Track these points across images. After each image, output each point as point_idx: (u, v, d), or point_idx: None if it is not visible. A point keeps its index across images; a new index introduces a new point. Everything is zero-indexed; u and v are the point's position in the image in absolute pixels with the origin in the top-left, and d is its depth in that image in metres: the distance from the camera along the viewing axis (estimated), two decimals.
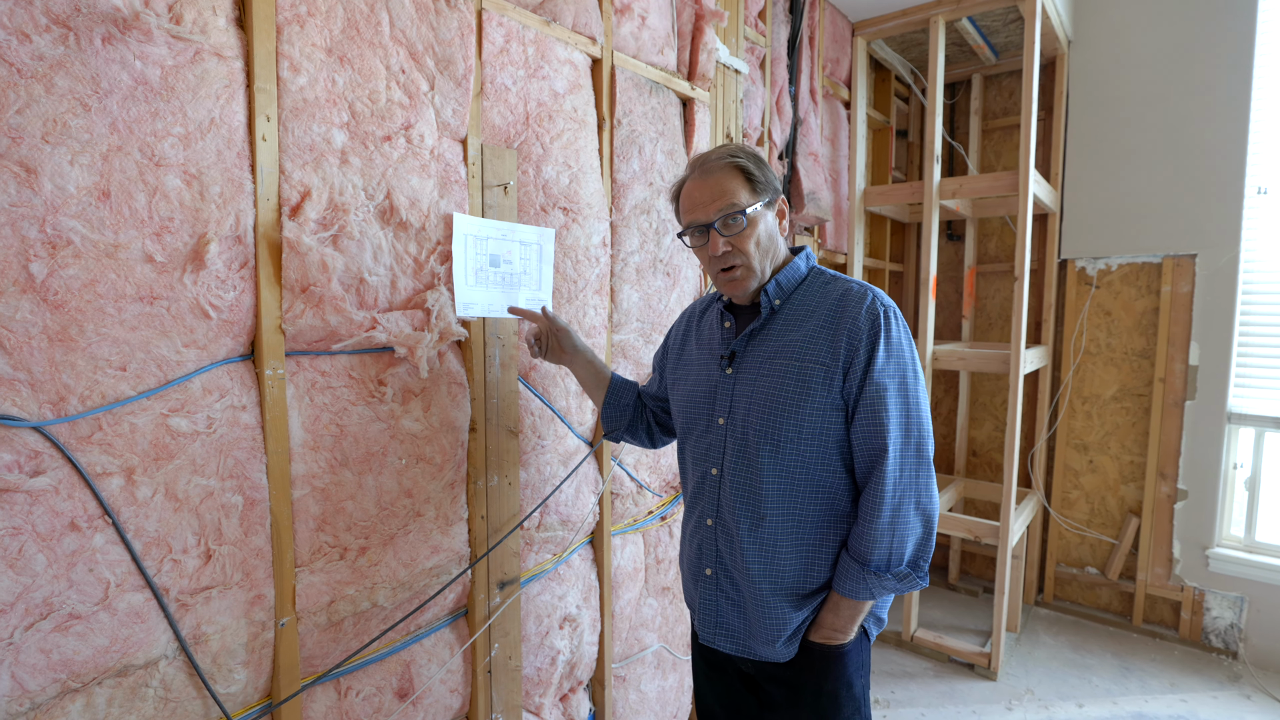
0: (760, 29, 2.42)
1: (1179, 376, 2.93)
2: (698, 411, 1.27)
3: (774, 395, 1.15)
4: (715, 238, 1.16)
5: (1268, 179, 2.73)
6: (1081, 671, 2.74)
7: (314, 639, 1.20)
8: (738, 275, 1.19)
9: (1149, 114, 2.94)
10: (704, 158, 1.21)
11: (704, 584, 1.27)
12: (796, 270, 1.23)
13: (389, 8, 1.23)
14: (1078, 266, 3.21)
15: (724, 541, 1.22)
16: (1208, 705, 2.50)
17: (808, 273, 1.24)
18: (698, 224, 1.19)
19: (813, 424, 1.13)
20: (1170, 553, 2.97)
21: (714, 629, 1.25)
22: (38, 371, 0.88)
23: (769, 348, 1.19)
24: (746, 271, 1.19)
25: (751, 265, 1.18)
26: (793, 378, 1.14)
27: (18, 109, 0.85)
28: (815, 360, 1.13)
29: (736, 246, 1.17)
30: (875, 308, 1.13)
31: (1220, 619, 2.86)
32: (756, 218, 1.17)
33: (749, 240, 1.17)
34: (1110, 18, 3.01)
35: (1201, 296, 2.86)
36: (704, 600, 1.27)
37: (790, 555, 1.17)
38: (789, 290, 1.22)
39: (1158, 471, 2.99)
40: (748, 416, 1.17)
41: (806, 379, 1.13)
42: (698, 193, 1.19)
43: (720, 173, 1.17)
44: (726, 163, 1.18)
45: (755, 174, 1.18)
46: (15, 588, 0.87)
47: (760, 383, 1.17)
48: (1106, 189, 3.07)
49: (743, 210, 1.15)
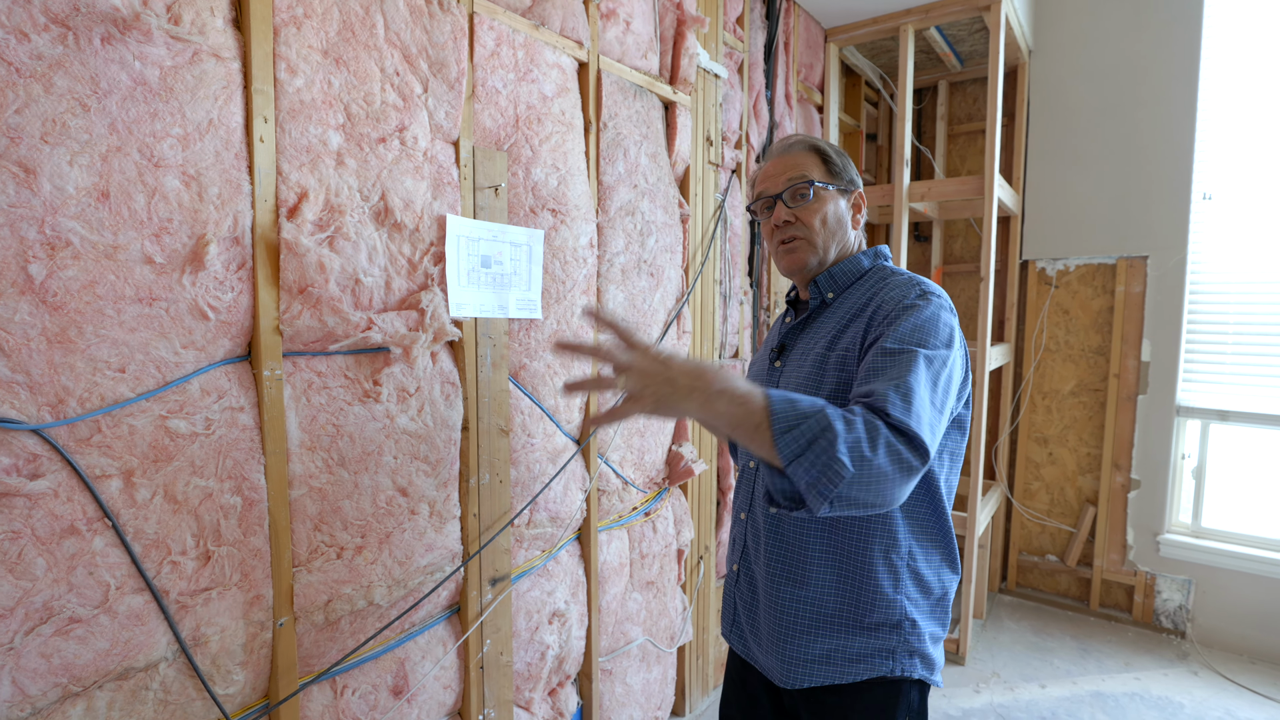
0: (738, 34, 2.46)
1: (1132, 372, 3.07)
2: None
3: (800, 384, 1.07)
4: (780, 207, 1.12)
5: (1213, 186, 2.88)
6: (1044, 654, 2.86)
7: (311, 638, 1.21)
8: (796, 247, 1.12)
9: (1104, 122, 3.08)
10: (785, 140, 1.18)
11: (729, 579, 1.22)
12: (857, 265, 1.14)
13: (384, 10, 1.24)
14: (1038, 267, 3.34)
15: (751, 536, 1.15)
16: (1159, 682, 2.64)
17: (870, 268, 1.14)
18: (766, 194, 1.15)
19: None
20: (1124, 539, 3.12)
21: (730, 626, 1.22)
22: (36, 374, 0.87)
23: (813, 339, 1.11)
24: (806, 245, 1.12)
25: (813, 240, 1.11)
26: (815, 364, 1.05)
27: (16, 109, 0.84)
28: (841, 346, 1.04)
29: (800, 218, 1.11)
30: (912, 289, 1.01)
31: (1170, 601, 3.01)
32: (826, 196, 1.12)
33: (815, 215, 1.11)
34: (1068, 30, 3.14)
35: (1153, 296, 3.01)
36: (726, 597, 1.23)
37: (821, 562, 1.04)
38: (843, 285, 1.13)
39: (1113, 463, 3.13)
40: None
41: (825, 365, 1.04)
42: (771, 168, 1.15)
43: (798, 151, 1.14)
44: (808, 144, 1.15)
45: (833, 159, 1.14)
46: (15, 592, 0.86)
47: (799, 375, 1.08)
48: (1065, 193, 3.20)
49: (811, 183, 1.10)
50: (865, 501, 0.81)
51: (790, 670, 1.05)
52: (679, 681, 2.34)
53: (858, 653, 1.03)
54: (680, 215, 2.13)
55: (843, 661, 1.03)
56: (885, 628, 1.02)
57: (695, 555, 2.36)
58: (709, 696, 2.48)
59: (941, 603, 1.08)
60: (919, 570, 1.04)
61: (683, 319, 2.17)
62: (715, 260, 2.36)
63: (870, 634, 1.03)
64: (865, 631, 1.03)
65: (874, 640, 1.02)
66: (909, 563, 1.03)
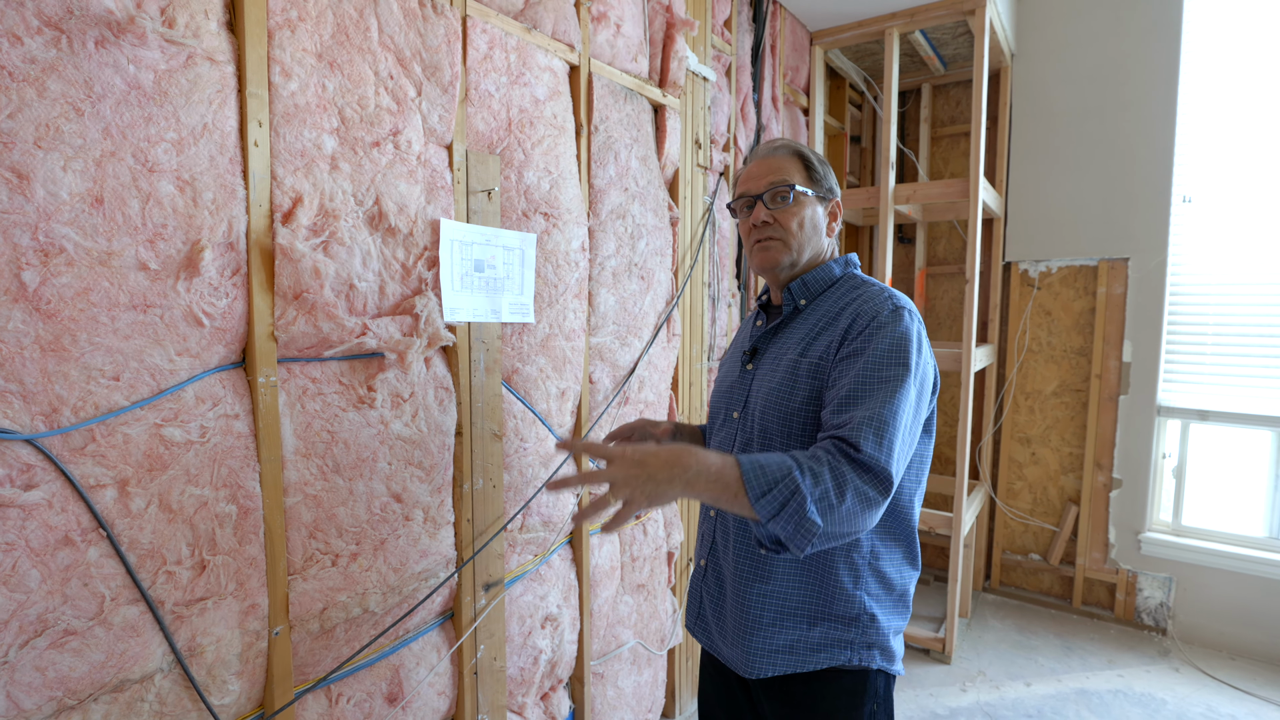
0: (726, 38, 2.48)
1: (1114, 373, 3.13)
2: (719, 405, 1.27)
3: (780, 391, 1.12)
4: (760, 208, 1.16)
5: (1192, 189, 2.94)
6: (1028, 652, 2.90)
7: (306, 646, 1.20)
8: (771, 246, 1.17)
9: (1085, 125, 3.13)
10: (771, 142, 1.22)
11: (695, 573, 1.28)
12: (829, 272, 1.19)
13: (378, 13, 1.23)
14: (1021, 269, 3.39)
15: (721, 534, 1.20)
16: (1142, 679, 2.69)
17: (841, 276, 1.19)
18: (748, 194, 1.19)
19: (800, 419, 1.08)
20: (1106, 538, 3.17)
21: (695, 619, 1.27)
22: (30, 383, 0.86)
23: (785, 345, 1.16)
24: (781, 245, 1.16)
25: (788, 241, 1.16)
26: (788, 371, 1.11)
27: (9, 113, 0.83)
28: (813, 354, 1.09)
29: (778, 220, 1.16)
30: (886, 303, 1.07)
31: (1151, 598, 3.07)
32: (805, 201, 1.16)
33: (792, 218, 1.15)
34: (1050, 34, 3.19)
35: (1134, 298, 3.06)
36: (692, 591, 1.28)
37: (786, 561, 1.10)
38: (816, 291, 1.18)
39: (1095, 462, 3.18)
40: (757, 412, 1.15)
41: (797, 372, 1.09)
42: (755, 169, 1.20)
43: (782, 155, 1.18)
44: (792, 149, 1.19)
45: (815, 165, 1.19)
46: (10, 605, 0.85)
47: (770, 379, 1.14)
48: (1047, 195, 3.26)
49: (792, 187, 1.14)
50: (841, 535, 0.91)
51: (752, 661, 1.11)
52: (669, 684, 2.35)
53: (817, 643, 1.10)
54: (670, 218, 2.14)
55: (804, 651, 1.09)
56: (844, 620, 1.09)
57: (685, 557, 2.37)
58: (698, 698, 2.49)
59: (903, 598, 1.15)
60: (880, 568, 1.11)
61: (672, 322, 2.18)
62: (704, 263, 2.37)
63: (829, 625, 1.10)
64: (825, 623, 1.10)
65: (833, 631, 1.09)
66: (870, 561, 1.10)
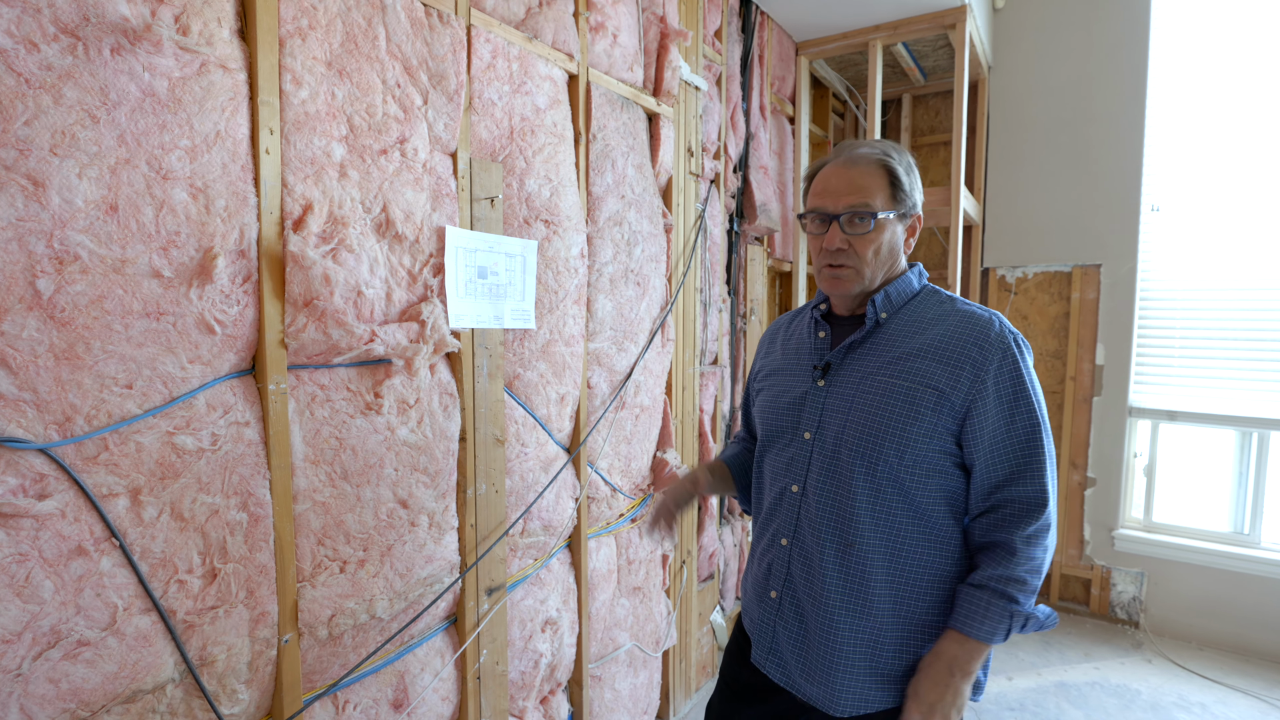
0: (717, 47, 2.51)
1: (1087, 375, 3.22)
2: (781, 423, 1.17)
3: (876, 414, 1.04)
4: (835, 231, 1.07)
5: (1160, 198, 3.05)
6: (1008, 648, 2.97)
7: (315, 653, 1.19)
8: (843, 275, 1.08)
9: (1059, 136, 3.23)
10: (854, 145, 1.10)
11: (767, 606, 1.16)
12: (908, 285, 1.12)
13: (386, 23, 1.24)
14: (998, 274, 3.48)
15: (799, 564, 1.11)
16: (1117, 671, 2.78)
17: (920, 289, 1.13)
18: (823, 212, 1.08)
19: (916, 449, 1.01)
20: (1082, 535, 3.26)
21: (767, 654, 1.15)
22: (44, 391, 0.85)
23: (872, 363, 1.08)
24: (854, 275, 1.08)
25: (862, 271, 1.08)
26: (900, 397, 1.03)
27: (25, 120, 0.82)
28: (927, 383, 1.02)
29: (854, 247, 1.06)
30: (1005, 337, 1.02)
31: (1124, 593, 3.17)
32: (885, 225, 1.07)
33: (869, 246, 1.06)
34: (1024, 48, 3.29)
35: (1106, 303, 3.16)
36: (762, 623, 1.17)
37: (884, 592, 1.04)
38: (898, 304, 1.10)
39: (1070, 462, 3.28)
40: (841, 434, 1.07)
41: (915, 401, 1.01)
42: (835, 179, 1.08)
43: (866, 166, 1.07)
44: (877, 158, 1.07)
45: (902, 181, 1.07)
46: (23, 616, 0.84)
47: (860, 399, 1.06)
48: (1023, 203, 3.35)
49: (874, 214, 1.04)
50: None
51: (838, 698, 1.05)
52: (664, 685, 2.36)
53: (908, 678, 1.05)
54: (664, 225, 2.17)
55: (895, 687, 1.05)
56: None
57: (679, 560, 2.39)
58: (692, 700, 2.51)
59: None
60: None
61: (667, 327, 2.20)
62: (696, 269, 2.40)
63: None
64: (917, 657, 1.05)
65: None
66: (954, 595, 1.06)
